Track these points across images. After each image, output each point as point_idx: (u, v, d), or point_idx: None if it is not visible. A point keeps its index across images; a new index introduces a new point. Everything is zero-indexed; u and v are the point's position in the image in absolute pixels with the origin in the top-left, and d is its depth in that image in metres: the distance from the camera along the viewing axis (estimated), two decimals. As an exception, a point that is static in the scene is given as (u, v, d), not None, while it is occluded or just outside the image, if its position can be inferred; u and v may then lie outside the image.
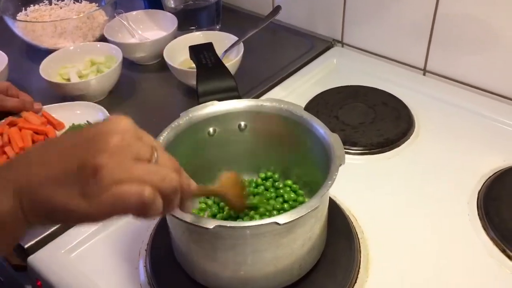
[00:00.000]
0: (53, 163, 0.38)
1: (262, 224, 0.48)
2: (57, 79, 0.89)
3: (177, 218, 0.49)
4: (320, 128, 0.59)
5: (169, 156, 0.43)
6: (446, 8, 0.85)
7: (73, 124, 0.81)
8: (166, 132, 0.58)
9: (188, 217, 0.48)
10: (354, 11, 0.98)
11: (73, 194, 0.37)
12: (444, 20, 0.87)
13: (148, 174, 0.38)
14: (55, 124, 0.81)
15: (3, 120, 0.79)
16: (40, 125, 0.79)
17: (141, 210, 0.38)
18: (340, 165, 0.53)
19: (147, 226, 0.66)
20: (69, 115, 0.83)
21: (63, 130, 0.81)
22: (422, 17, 0.89)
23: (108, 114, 0.81)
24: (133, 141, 0.39)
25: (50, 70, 0.89)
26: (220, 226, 0.47)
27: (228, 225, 0.48)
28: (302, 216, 0.48)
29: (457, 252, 0.62)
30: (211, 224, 0.47)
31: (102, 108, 0.82)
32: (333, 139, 0.56)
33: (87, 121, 0.80)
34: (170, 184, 0.40)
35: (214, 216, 0.63)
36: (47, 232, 0.65)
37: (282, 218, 0.48)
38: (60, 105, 0.85)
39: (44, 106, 0.84)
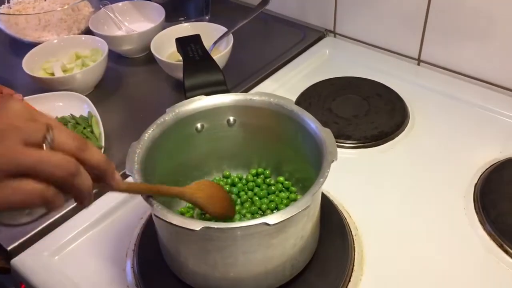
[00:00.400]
0: None
1: (251, 225, 0.46)
2: (40, 73, 0.87)
3: (163, 220, 0.47)
4: (312, 122, 0.57)
5: (68, 133, 0.39)
6: (441, -4, 0.83)
7: (56, 117, 0.78)
8: (152, 129, 0.56)
9: (174, 219, 0.46)
10: (347, 0, 0.96)
11: None
12: (438, 9, 0.85)
13: (39, 163, 0.35)
14: None
15: None
16: None
17: (42, 205, 0.36)
18: (333, 161, 0.51)
19: (134, 226, 0.64)
20: (53, 107, 0.79)
21: None
22: (416, 6, 0.87)
23: (93, 106, 0.78)
24: (22, 123, 0.36)
25: (33, 65, 0.87)
26: (207, 227, 0.45)
27: (215, 227, 0.46)
28: (293, 215, 0.46)
29: (454, 246, 0.61)
30: (198, 225, 0.45)
31: (87, 99, 0.80)
32: (325, 134, 0.54)
33: (71, 114, 0.77)
34: (66, 170, 0.37)
35: (203, 214, 0.61)
36: (31, 234, 0.63)
37: (272, 219, 0.46)
38: (44, 95, 0.81)
39: (27, 97, 0.80)
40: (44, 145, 0.37)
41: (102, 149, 0.73)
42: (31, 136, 0.36)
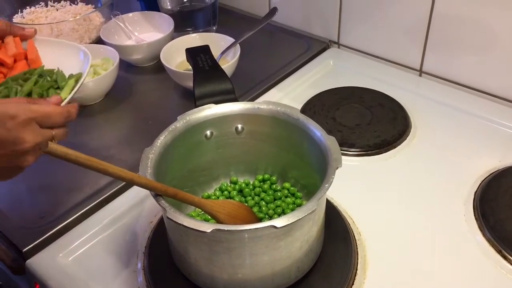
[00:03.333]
0: None
1: (259, 228, 0.48)
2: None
3: (174, 221, 0.49)
4: (317, 130, 0.59)
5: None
6: (442, 9, 0.86)
7: (42, 66, 0.71)
8: (164, 136, 0.59)
9: (185, 221, 0.48)
10: (350, 12, 0.99)
11: None
12: (440, 21, 0.87)
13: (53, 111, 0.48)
14: (31, 60, 0.71)
15: None
16: (9, 56, 0.69)
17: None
18: (337, 168, 0.53)
19: (145, 229, 0.66)
20: (57, 55, 0.73)
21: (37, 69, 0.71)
22: (418, 18, 0.89)
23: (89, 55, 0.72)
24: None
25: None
26: (217, 229, 0.48)
27: (225, 229, 0.48)
28: (299, 219, 0.49)
29: (454, 253, 0.63)
30: (208, 227, 0.48)
31: (88, 52, 0.73)
32: (330, 142, 0.57)
33: (58, 68, 0.71)
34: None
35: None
36: (45, 236, 0.65)
37: (279, 222, 0.48)
38: (57, 41, 0.76)
39: (39, 37, 0.74)
40: None
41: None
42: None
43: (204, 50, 0.73)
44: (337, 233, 0.63)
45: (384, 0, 0.92)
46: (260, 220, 0.63)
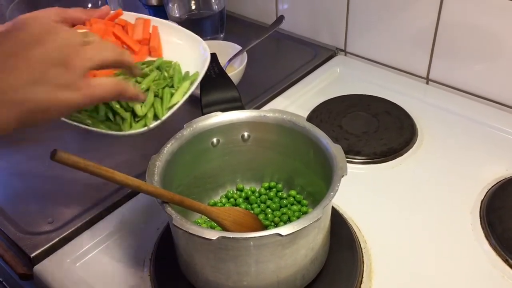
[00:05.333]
0: (21, 69, 0.41)
1: (264, 235, 0.49)
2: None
3: (180, 228, 0.49)
4: (323, 139, 0.59)
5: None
6: (449, 17, 0.86)
7: (161, 59, 0.65)
8: (171, 143, 0.59)
9: (191, 228, 0.49)
10: (357, 20, 0.99)
11: (53, 89, 0.42)
12: (446, 29, 0.87)
13: (101, 51, 0.47)
14: (152, 47, 0.65)
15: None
16: (135, 42, 0.63)
17: (119, 95, 0.49)
18: (343, 176, 0.53)
19: (151, 236, 0.67)
20: (175, 44, 0.66)
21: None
22: (424, 26, 0.90)
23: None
24: (65, 32, 0.45)
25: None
26: (223, 237, 0.48)
27: (231, 236, 0.49)
28: (304, 227, 0.49)
29: (460, 262, 0.62)
30: (214, 235, 0.48)
31: (207, 48, 0.66)
32: (336, 150, 0.57)
33: (176, 61, 0.65)
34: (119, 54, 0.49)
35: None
36: (53, 242, 0.66)
37: (285, 229, 0.48)
38: (178, 28, 0.68)
39: (162, 20, 0.68)
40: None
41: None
42: (82, 39, 0.46)
43: (212, 58, 0.74)
44: (342, 241, 0.63)
45: (391, 8, 0.92)
46: (266, 227, 0.63)
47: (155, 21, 0.66)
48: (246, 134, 0.64)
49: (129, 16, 0.67)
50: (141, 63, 0.65)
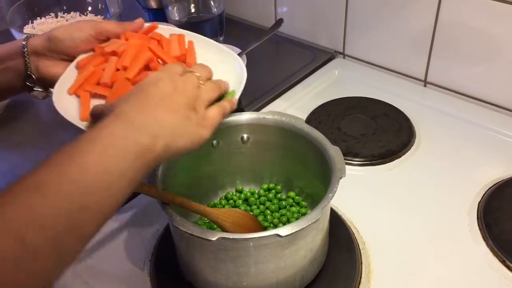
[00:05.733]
0: (169, 113, 0.47)
1: (264, 236, 0.49)
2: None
3: (180, 229, 0.50)
4: (321, 140, 0.60)
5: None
6: (447, 19, 0.87)
7: None
8: (170, 145, 0.59)
9: (191, 229, 0.49)
10: (356, 23, 1.00)
11: (192, 128, 0.48)
12: (444, 31, 0.88)
13: (213, 91, 0.53)
14: (188, 64, 0.61)
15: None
16: (171, 58, 0.61)
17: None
18: (341, 177, 0.54)
19: (151, 237, 0.67)
20: (211, 61, 0.61)
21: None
22: (422, 29, 0.90)
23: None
24: (192, 80, 0.52)
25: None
26: (223, 238, 0.48)
27: (230, 237, 0.49)
28: (303, 228, 0.49)
29: (457, 263, 0.63)
30: (214, 236, 0.48)
31: (244, 66, 0.61)
32: (334, 152, 0.57)
33: None
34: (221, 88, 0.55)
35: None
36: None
37: (284, 230, 0.49)
38: (215, 44, 0.65)
39: (196, 35, 0.65)
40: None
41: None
42: (198, 82, 0.53)
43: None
44: (341, 242, 0.64)
45: (389, 10, 0.93)
46: (265, 229, 0.64)
47: (190, 35, 0.65)
48: (245, 136, 0.65)
49: (161, 29, 0.65)
50: None
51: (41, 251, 0.35)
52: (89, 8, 1.12)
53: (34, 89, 0.62)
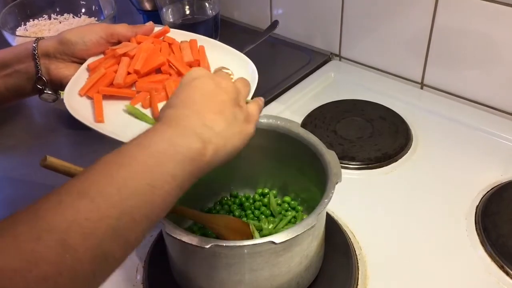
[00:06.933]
0: (217, 114, 0.45)
1: (258, 243, 0.48)
2: (56, 94, 0.89)
3: (173, 237, 0.49)
4: (317, 145, 0.59)
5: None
6: (443, 22, 0.86)
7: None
8: (163, 149, 0.58)
9: (184, 236, 0.48)
10: (352, 25, 0.99)
11: (240, 127, 0.47)
12: (441, 34, 0.87)
13: (247, 87, 0.53)
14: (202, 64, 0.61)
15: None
16: (184, 64, 0.61)
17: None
18: (337, 182, 0.53)
19: (144, 243, 0.66)
20: (223, 64, 0.63)
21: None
22: (419, 31, 0.90)
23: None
24: (228, 78, 0.50)
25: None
26: (216, 245, 0.47)
27: (224, 244, 0.48)
28: (298, 234, 0.48)
29: (455, 267, 0.62)
30: (207, 243, 0.47)
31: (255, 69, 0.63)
32: (330, 156, 0.56)
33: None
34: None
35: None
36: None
37: (278, 237, 0.48)
38: (226, 48, 0.66)
39: (207, 39, 0.65)
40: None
41: None
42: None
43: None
44: (337, 247, 0.63)
45: (385, 13, 0.92)
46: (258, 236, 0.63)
47: (201, 40, 0.65)
48: (240, 140, 0.64)
49: (173, 33, 0.65)
50: None
51: (83, 256, 0.34)
52: (83, 10, 1.11)
53: (45, 91, 0.61)
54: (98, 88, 0.57)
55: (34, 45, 0.59)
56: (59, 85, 0.61)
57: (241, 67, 0.62)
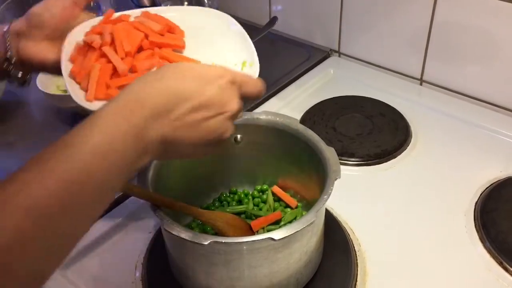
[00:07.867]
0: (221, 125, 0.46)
1: (257, 240, 0.48)
2: (53, 90, 0.89)
3: (172, 234, 0.48)
4: (316, 141, 0.59)
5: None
6: (442, 18, 0.86)
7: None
8: (162, 146, 0.58)
9: (183, 233, 0.48)
10: (351, 21, 0.99)
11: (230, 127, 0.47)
12: (440, 30, 0.87)
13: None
14: (173, 29, 0.62)
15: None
16: (157, 30, 0.60)
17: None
18: (336, 179, 0.53)
19: (143, 240, 0.66)
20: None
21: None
22: (418, 27, 0.89)
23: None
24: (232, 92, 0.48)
25: (47, 81, 0.89)
26: (215, 242, 0.47)
27: (223, 241, 0.48)
28: (297, 231, 0.48)
29: (454, 264, 0.62)
30: (206, 240, 0.47)
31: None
32: (329, 153, 0.56)
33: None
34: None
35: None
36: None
37: (278, 234, 0.48)
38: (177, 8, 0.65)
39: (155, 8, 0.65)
40: None
41: None
42: None
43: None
44: (336, 244, 0.63)
45: (384, 9, 0.92)
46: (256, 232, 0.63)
47: (158, 10, 0.65)
48: (238, 136, 0.64)
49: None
50: None
51: (30, 234, 0.33)
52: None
53: (11, 74, 0.59)
54: (105, 85, 0.55)
55: (7, 27, 0.58)
56: (29, 66, 0.59)
57: (219, 26, 0.65)
